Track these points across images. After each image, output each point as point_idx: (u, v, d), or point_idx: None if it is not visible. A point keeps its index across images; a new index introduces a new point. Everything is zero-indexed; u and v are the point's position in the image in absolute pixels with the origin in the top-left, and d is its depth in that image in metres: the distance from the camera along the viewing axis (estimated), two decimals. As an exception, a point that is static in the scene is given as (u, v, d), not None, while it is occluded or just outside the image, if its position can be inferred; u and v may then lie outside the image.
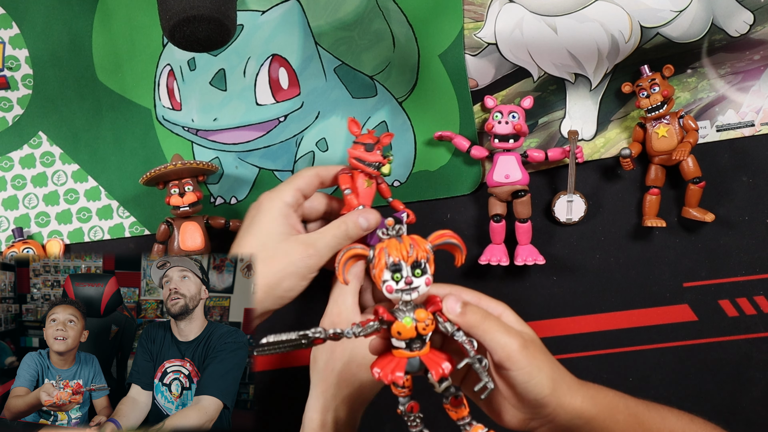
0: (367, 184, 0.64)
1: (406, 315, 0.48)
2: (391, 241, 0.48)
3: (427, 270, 0.48)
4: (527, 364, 0.47)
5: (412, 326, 0.47)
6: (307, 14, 0.74)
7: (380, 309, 0.48)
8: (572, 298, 0.76)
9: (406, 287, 0.47)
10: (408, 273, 0.47)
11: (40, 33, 0.76)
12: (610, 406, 0.51)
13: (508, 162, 0.72)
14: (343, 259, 0.48)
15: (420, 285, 0.48)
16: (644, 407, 0.54)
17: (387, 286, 0.47)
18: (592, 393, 0.51)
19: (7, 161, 0.78)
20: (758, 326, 0.74)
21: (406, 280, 0.47)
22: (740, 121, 0.72)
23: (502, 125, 0.72)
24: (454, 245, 0.50)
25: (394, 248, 0.47)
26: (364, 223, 0.62)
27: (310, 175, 0.64)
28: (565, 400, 0.49)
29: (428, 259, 0.49)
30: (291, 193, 0.63)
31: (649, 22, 0.71)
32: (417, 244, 0.48)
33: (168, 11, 0.50)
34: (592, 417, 0.50)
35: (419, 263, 0.48)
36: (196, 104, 0.76)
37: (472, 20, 0.73)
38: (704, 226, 0.74)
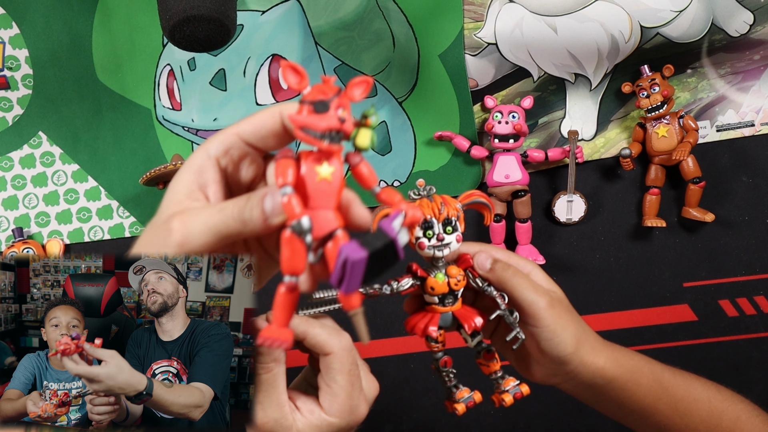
0: (324, 175, 0.35)
1: (438, 271, 0.49)
2: (423, 200, 0.49)
3: (458, 227, 0.50)
4: (552, 322, 0.48)
5: (444, 282, 0.49)
6: (307, 14, 0.74)
7: (414, 265, 0.49)
8: (572, 298, 0.76)
9: (438, 243, 0.49)
10: (440, 230, 0.49)
11: (40, 33, 0.76)
12: (633, 368, 0.52)
13: (508, 162, 0.72)
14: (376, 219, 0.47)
15: (451, 241, 0.49)
16: (671, 374, 0.54)
17: (420, 242, 0.49)
18: (616, 355, 0.52)
19: (7, 161, 0.78)
20: (758, 326, 0.74)
21: (438, 236, 0.49)
22: (740, 121, 0.72)
23: (502, 125, 0.72)
24: (483, 204, 0.52)
25: (426, 206, 0.49)
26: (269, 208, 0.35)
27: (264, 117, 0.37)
28: (588, 359, 0.50)
29: (459, 217, 0.50)
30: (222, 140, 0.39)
31: (649, 22, 0.71)
32: (447, 202, 0.49)
33: (168, 11, 0.50)
34: (614, 378, 0.51)
35: (450, 221, 0.49)
36: (196, 104, 0.76)
37: (472, 20, 0.73)
38: (704, 226, 0.74)
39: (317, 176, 0.35)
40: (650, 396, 0.53)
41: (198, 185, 0.39)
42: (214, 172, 0.39)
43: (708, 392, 0.55)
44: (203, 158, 0.39)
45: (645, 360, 0.53)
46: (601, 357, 0.51)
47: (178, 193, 0.39)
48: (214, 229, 0.37)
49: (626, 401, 0.53)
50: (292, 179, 0.34)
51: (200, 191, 0.40)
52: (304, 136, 0.34)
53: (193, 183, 0.40)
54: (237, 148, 0.39)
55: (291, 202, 0.33)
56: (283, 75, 0.34)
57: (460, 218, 0.50)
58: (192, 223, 0.38)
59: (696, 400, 0.54)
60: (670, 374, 0.54)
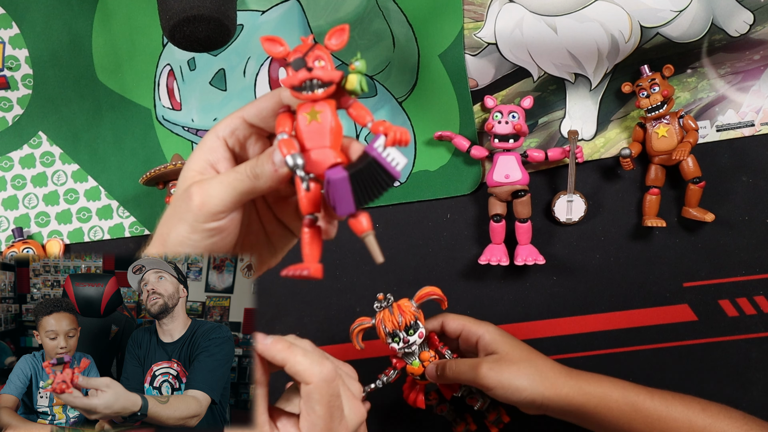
0: (313, 116, 0.39)
1: (414, 358, 0.64)
2: (385, 312, 0.62)
3: (419, 326, 0.62)
4: (496, 383, 0.59)
5: (419, 366, 0.64)
6: (307, 14, 0.74)
7: (395, 361, 0.64)
8: (572, 298, 0.76)
9: (405, 345, 0.62)
10: (403, 335, 0.62)
11: (40, 33, 0.76)
12: (601, 395, 0.59)
13: (508, 162, 0.72)
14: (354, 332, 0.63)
15: (415, 340, 0.62)
16: (647, 396, 0.60)
17: (391, 347, 0.63)
18: (581, 383, 0.59)
19: (7, 161, 0.78)
20: (758, 326, 0.74)
21: (404, 340, 0.62)
22: (740, 121, 0.72)
23: (502, 125, 0.72)
24: (437, 299, 0.63)
25: (388, 320, 0.62)
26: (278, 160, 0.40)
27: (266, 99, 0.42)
28: (550, 393, 0.59)
29: (417, 318, 0.62)
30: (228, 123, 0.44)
31: (649, 22, 0.71)
32: (404, 312, 0.62)
33: (168, 11, 0.50)
34: (582, 404, 0.59)
35: (409, 326, 0.62)
36: (196, 104, 0.76)
37: (472, 20, 0.73)
38: (704, 226, 0.74)
39: (307, 120, 0.39)
40: (623, 418, 0.59)
41: (209, 163, 0.43)
42: (223, 150, 0.43)
43: (688, 411, 0.59)
44: (212, 139, 0.43)
45: (616, 386, 0.60)
46: (564, 388, 0.59)
47: (191, 170, 0.43)
48: (230, 188, 0.41)
49: (602, 423, 0.60)
50: (289, 128, 0.39)
51: (211, 168, 0.43)
52: (295, 94, 0.39)
53: (204, 161, 0.43)
54: (242, 129, 0.43)
55: (284, 142, 0.38)
56: (265, 49, 0.39)
57: (419, 317, 0.62)
58: (209, 187, 0.41)
59: (674, 419, 0.58)
60: (647, 396, 0.59)
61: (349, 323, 0.81)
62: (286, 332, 0.80)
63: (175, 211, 0.42)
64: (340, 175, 0.37)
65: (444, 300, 0.63)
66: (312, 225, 0.41)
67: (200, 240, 0.43)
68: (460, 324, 0.64)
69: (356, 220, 0.38)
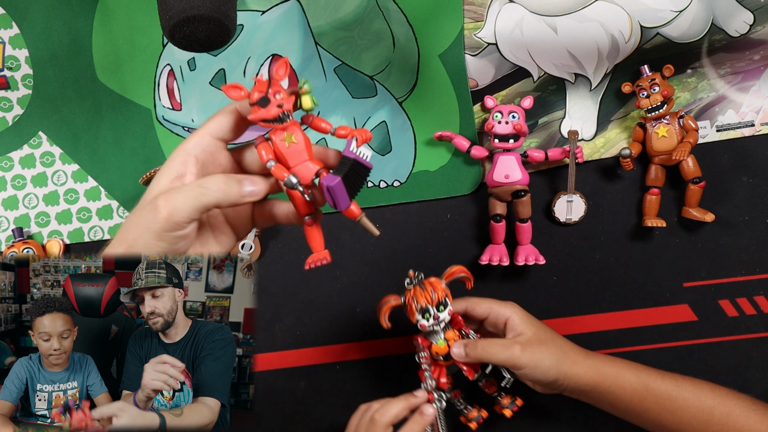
0: (289, 140, 0.48)
1: (439, 338, 0.64)
2: (416, 288, 0.63)
3: (448, 303, 0.63)
4: (528, 362, 0.61)
5: (445, 345, 0.64)
6: (307, 14, 0.74)
7: (420, 340, 0.65)
8: (572, 298, 0.76)
9: (435, 322, 0.63)
10: (434, 312, 0.63)
11: (40, 33, 0.76)
12: (615, 375, 0.63)
13: (508, 162, 0.72)
14: (382, 311, 0.63)
15: (444, 317, 0.63)
16: (658, 376, 0.63)
17: (420, 324, 0.63)
18: (597, 363, 0.63)
19: (7, 161, 0.78)
20: (758, 326, 0.74)
21: (434, 316, 0.63)
22: (740, 121, 0.72)
23: (502, 125, 0.72)
24: (464, 276, 0.65)
25: (420, 295, 0.63)
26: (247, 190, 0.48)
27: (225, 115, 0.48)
28: (570, 372, 0.62)
29: (447, 295, 0.63)
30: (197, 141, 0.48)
31: (649, 22, 0.71)
32: (436, 288, 0.63)
33: (168, 11, 0.50)
34: (597, 383, 0.62)
35: (441, 302, 0.63)
36: (196, 104, 0.76)
37: (472, 20, 0.73)
38: (704, 226, 0.74)
39: (285, 144, 0.48)
40: (636, 397, 0.63)
41: (177, 175, 0.47)
42: (192, 165, 0.47)
43: (698, 391, 0.63)
44: (182, 155, 0.47)
45: (630, 367, 0.64)
46: (581, 367, 0.63)
47: (160, 183, 0.47)
48: (195, 201, 0.45)
49: (614, 402, 0.63)
50: (272, 155, 0.48)
51: (178, 179, 0.47)
52: (265, 125, 0.47)
53: (173, 175, 0.47)
54: (210, 144, 0.48)
55: (276, 168, 0.47)
56: (229, 97, 0.46)
57: (448, 295, 0.63)
58: (175, 200, 0.45)
59: (684, 399, 0.62)
60: (658, 377, 0.63)
61: (349, 323, 0.81)
62: (287, 332, 0.80)
63: (141, 220, 0.46)
64: (335, 180, 0.45)
65: (471, 278, 0.65)
66: (311, 223, 0.51)
67: (166, 246, 0.46)
68: (487, 308, 0.66)
69: (349, 210, 0.48)
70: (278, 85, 0.47)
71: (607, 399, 0.64)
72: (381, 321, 0.63)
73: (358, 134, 0.47)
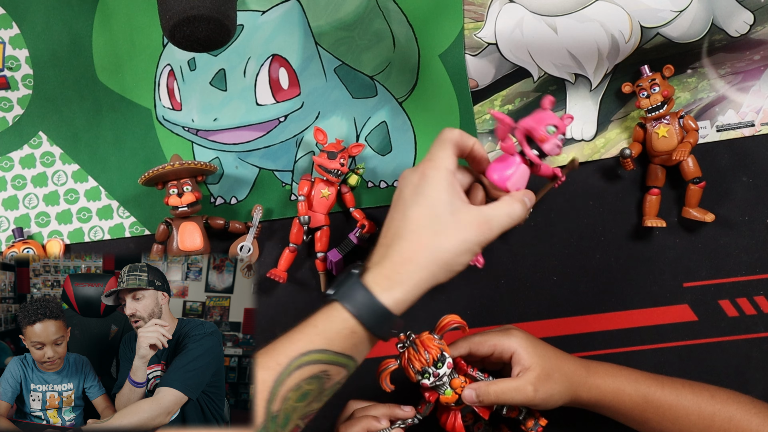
0: (324, 194, 0.71)
1: (446, 388, 0.62)
2: (409, 351, 0.61)
3: (446, 357, 0.61)
4: (542, 401, 0.62)
5: (453, 394, 0.62)
6: (307, 14, 0.74)
7: (427, 395, 0.63)
8: (572, 298, 0.76)
9: (436, 380, 0.61)
10: (432, 370, 0.61)
11: (40, 33, 0.76)
12: (615, 390, 0.64)
13: (523, 172, 0.70)
14: (382, 376, 0.62)
15: (444, 372, 0.61)
16: (658, 386, 0.65)
17: (422, 383, 0.61)
18: (597, 382, 0.65)
19: (7, 161, 0.78)
20: (758, 326, 0.74)
21: (434, 374, 0.61)
22: (740, 121, 0.72)
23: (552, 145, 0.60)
24: (458, 328, 0.62)
25: (414, 358, 0.61)
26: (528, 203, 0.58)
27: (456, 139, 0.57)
28: (575, 395, 0.64)
29: (443, 349, 0.61)
30: (453, 161, 0.57)
31: (649, 22, 0.71)
32: (428, 347, 0.61)
33: (168, 11, 0.50)
34: (598, 400, 0.65)
35: (437, 360, 0.61)
36: (197, 104, 0.76)
37: (472, 20, 0.73)
38: (704, 226, 0.74)
39: (321, 194, 0.71)
40: (636, 409, 0.64)
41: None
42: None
43: (698, 398, 0.64)
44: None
45: (629, 378, 0.65)
46: (584, 389, 0.64)
47: None
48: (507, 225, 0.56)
49: (616, 414, 0.66)
50: (306, 192, 0.71)
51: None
52: (321, 171, 0.70)
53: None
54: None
55: (301, 205, 0.71)
56: (315, 135, 0.72)
57: (444, 349, 0.61)
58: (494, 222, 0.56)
59: (684, 407, 0.64)
60: (657, 387, 0.65)
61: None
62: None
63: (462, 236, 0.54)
64: (338, 258, 0.72)
65: (464, 326, 0.62)
66: (293, 250, 0.72)
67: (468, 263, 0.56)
68: (491, 345, 0.64)
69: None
70: (347, 153, 0.71)
71: (608, 412, 0.66)
72: (383, 386, 0.62)
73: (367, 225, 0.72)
